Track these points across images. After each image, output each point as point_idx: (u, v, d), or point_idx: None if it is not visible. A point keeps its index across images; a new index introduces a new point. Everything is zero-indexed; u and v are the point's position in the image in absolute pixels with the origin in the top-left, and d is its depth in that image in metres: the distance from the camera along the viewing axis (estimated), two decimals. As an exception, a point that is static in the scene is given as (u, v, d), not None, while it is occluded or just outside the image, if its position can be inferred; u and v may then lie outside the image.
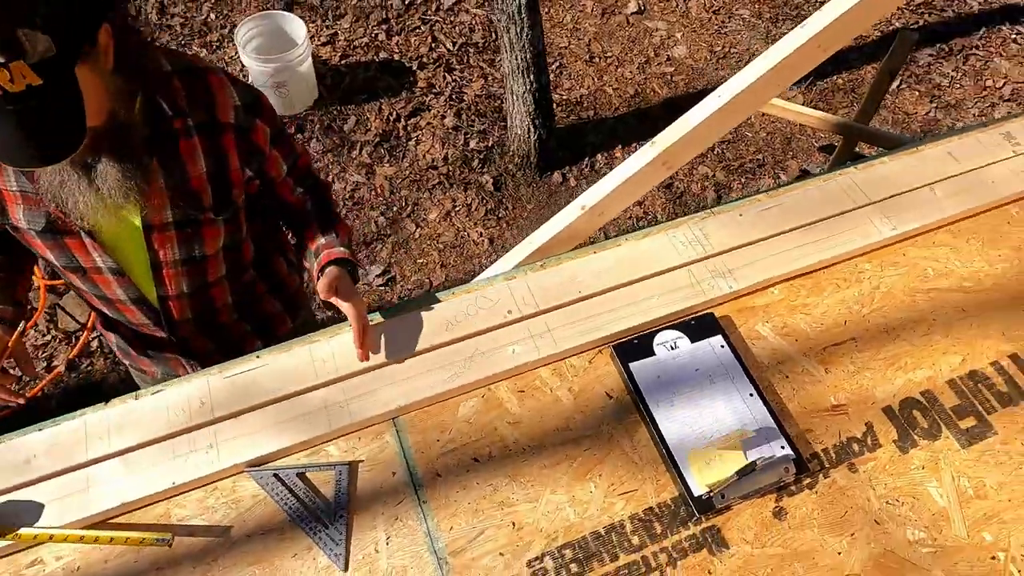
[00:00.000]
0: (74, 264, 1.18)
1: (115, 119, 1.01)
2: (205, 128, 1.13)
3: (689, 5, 3.68)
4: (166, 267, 1.21)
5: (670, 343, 1.24)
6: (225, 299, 1.36)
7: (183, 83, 1.10)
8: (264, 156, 1.22)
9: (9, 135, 0.88)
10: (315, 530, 1.08)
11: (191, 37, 3.25)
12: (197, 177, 1.15)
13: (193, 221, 1.18)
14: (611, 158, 3.08)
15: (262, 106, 1.19)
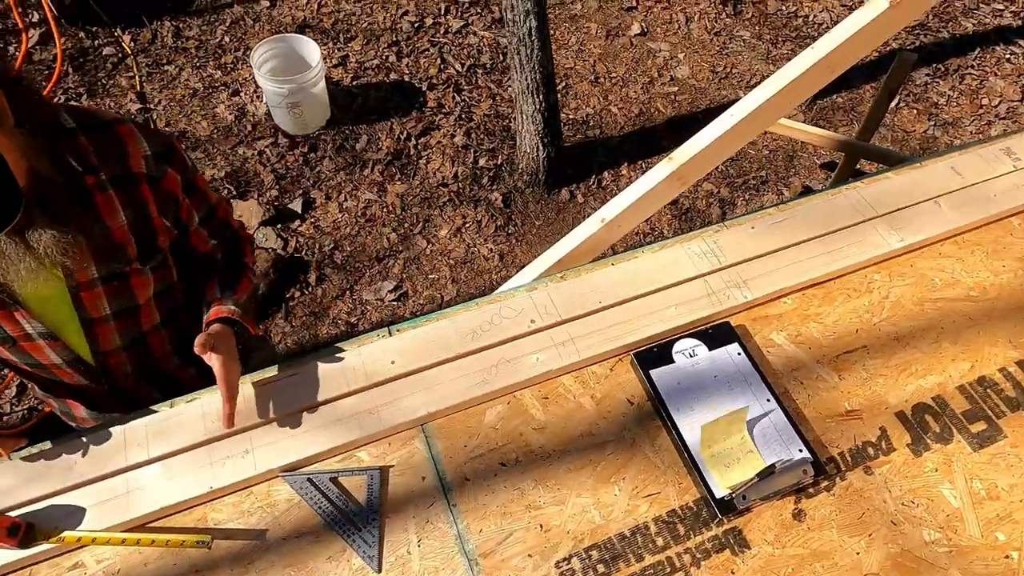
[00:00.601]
0: (2, 335, 1.16)
1: (36, 176, 1.00)
2: (119, 181, 1.11)
3: (691, 27, 3.77)
4: (98, 323, 1.20)
5: (688, 351, 1.28)
6: (164, 347, 1.34)
7: (90, 139, 1.09)
8: (178, 204, 1.21)
9: None
10: (348, 533, 1.12)
11: (206, 60, 3.32)
12: (119, 229, 1.13)
13: (120, 274, 1.17)
14: (617, 175, 3.15)
15: (174, 154, 1.18)
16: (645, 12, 3.82)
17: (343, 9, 3.61)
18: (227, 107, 3.16)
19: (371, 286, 2.74)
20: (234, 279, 1.32)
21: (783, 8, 3.89)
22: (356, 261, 2.80)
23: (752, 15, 3.85)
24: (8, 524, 1.05)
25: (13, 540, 1.05)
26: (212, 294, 1.28)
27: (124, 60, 3.27)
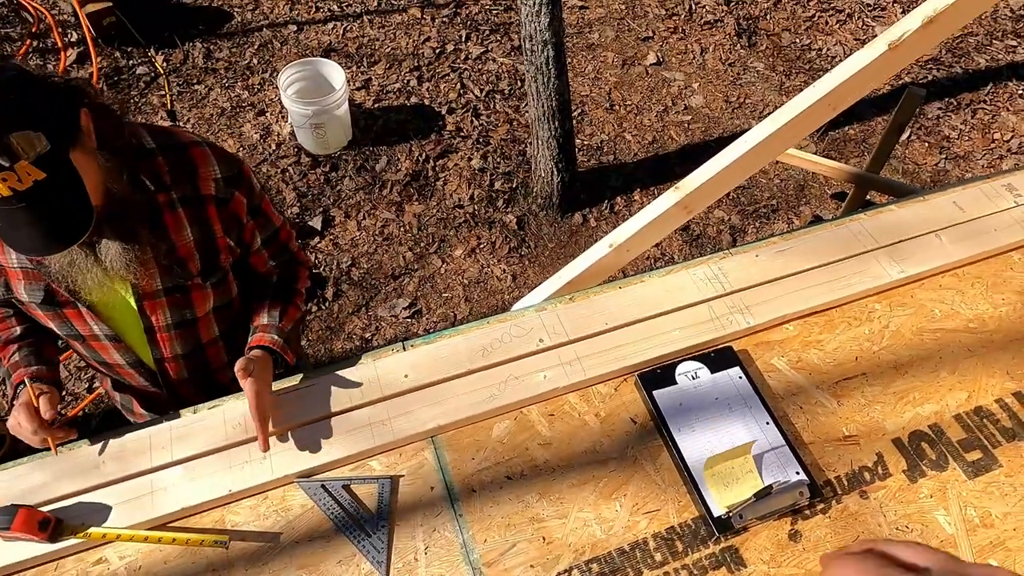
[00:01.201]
0: (74, 332, 1.25)
1: (111, 196, 1.08)
2: (189, 200, 1.20)
3: (706, 58, 3.85)
4: (159, 331, 1.28)
5: (691, 373, 1.33)
6: (221, 359, 1.41)
7: (166, 159, 1.17)
8: (242, 225, 1.28)
9: (27, 230, 0.97)
10: (359, 538, 1.16)
11: (234, 80, 3.44)
12: (184, 246, 1.21)
13: (182, 287, 1.24)
14: (630, 201, 3.21)
15: (242, 178, 1.25)
16: (661, 42, 3.91)
17: (367, 34, 3.73)
18: (253, 126, 3.26)
19: (386, 303, 2.81)
20: (282, 305, 1.38)
21: (797, 41, 3.96)
22: (372, 278, 2.87)
23: (766, 47, 3.92)
24: (39, 518, 1.11)
25: (43, 534, 1.11)
26: (259, 319, 1.35)
27: (156, 79, 3.39)
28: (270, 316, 1.36)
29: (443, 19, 3.84)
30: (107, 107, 1.10)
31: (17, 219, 0.95)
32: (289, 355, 1.34)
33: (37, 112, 0.95)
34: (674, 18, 4.04)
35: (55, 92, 1.00)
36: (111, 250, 1.09)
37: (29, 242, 0.98)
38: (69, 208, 0.99)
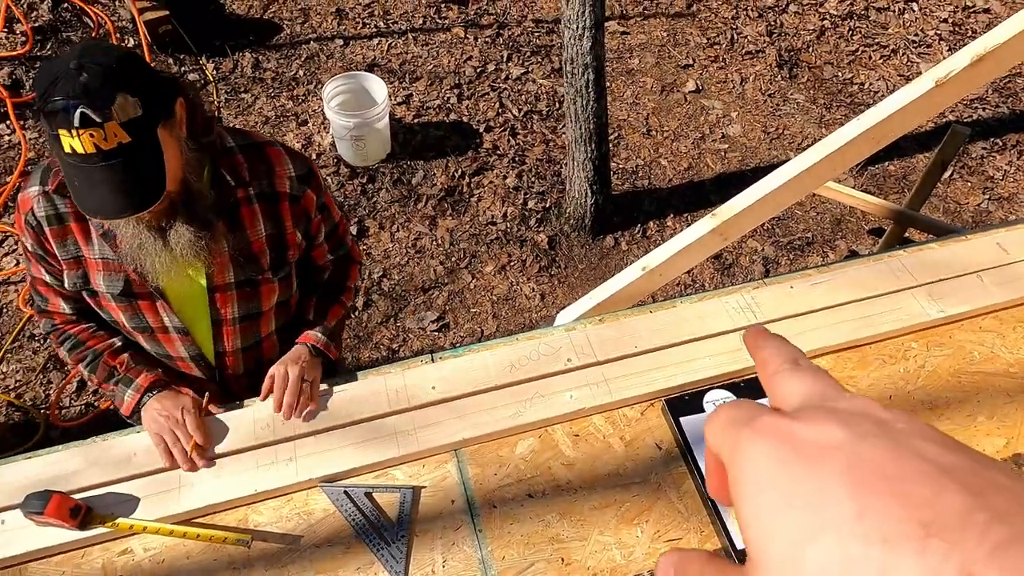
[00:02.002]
0: (143, 325, 1.29)
1: (187, 187, 1.14)
2: (265, 197, 1.26)
3: (745, 87, 3.84)
4: (226, 324, 1.33)
5: (719, 401, 1.31)
6: (273, 352, 1.45)
7: (245, 157, 1.25)
8: (310, 220, 1.34)
9: (102, 191, 1.02)
10: (378, 547, 1.17)
11: (280, 90, 3.53)
12: (257, 241, 1.27)
13: (252, 281, 1.30)
14: (662, 226, 3.20)
15: (313, 177, 1.32)
16: (701, 70, 3.91)
17: (411, 51, 3.80)
18: (295, 136, 3.34)
19: (415, 315, 2.83)
20: (330, 303, 1.46)
21: (839, 74, 3.94)
22: (402, 290, 2.89)
23: (807, 79, 3.91)
24: (71, 505, 1.13)
25: (74, 521, 1.13)
26: (308, 315, 1.43)
27: (206, 86, 3.50)
28: (317, 313, 1.43)
29: (486, 39, 3.90)
30: (201, 105, 1.17)
31: (93, 178, 1.00)
32: (333, 351, 1.40)
33: (138, 83, 1.01)
34: (715, 47, 4.05)
35: (159, 76, 1.08)
36: (182, 237, 1.14)
37: (99, 202, 1.02)
38: (144, 177, 1.04)
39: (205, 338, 1.34)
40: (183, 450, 1.22)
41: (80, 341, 1.33)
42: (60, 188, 1.19)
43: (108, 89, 0.97)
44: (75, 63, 0.97)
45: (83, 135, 0.96)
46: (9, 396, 2.47)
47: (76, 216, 1.20)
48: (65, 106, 0.95)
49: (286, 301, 1.40)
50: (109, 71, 0.98)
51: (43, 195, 1.19)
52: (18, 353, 2.61)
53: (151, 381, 1.29)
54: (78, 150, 0.97)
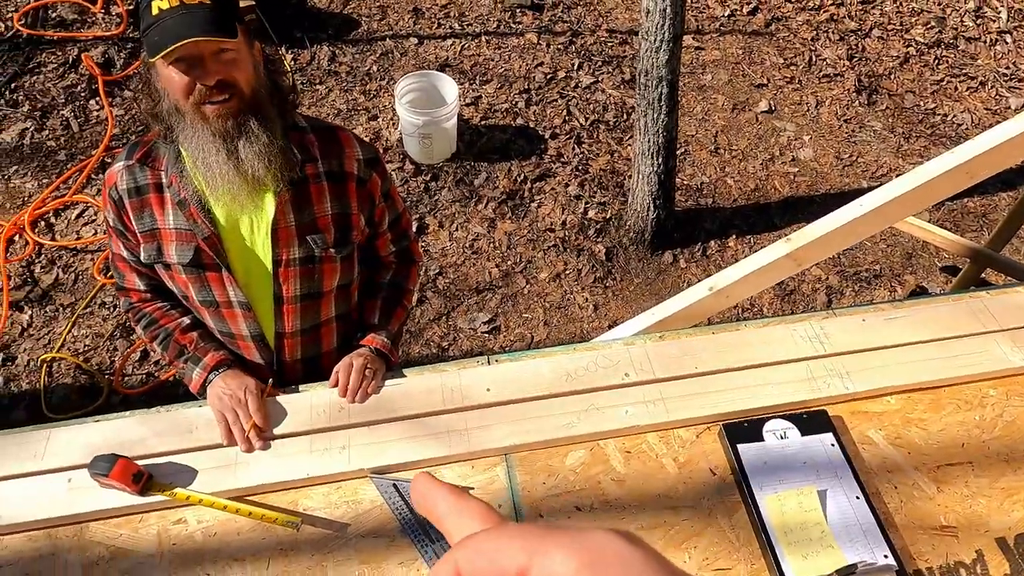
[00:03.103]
0: (210, 298, 1.33)
1: (258, 100, 1.18)
2: (333, 175, 1.30)
3: (820, 111, 3.74)
4: (287, 302, 1.35)
5: (780, 432, 1.27)
6: (331, 342, 1.47)
7: (317, 137, 1.30)
8: (374, 206, 1.38)
9: (177, 27, 1.07)
10: (423, 544, 1.17)
11: (353, 84, 3.61)
12: (323, 217, 1.31)
13: (315, 258, 1.32)
14: (724, 246, 3.13)
15: (379, 162, 1.36)
16: (775, 91, 3.83)
17: (483, 54, 3.83)
18: (364, 130, 3.40)
19: (467, 315, 2.84)
20: (392, 306, 1.48)
21: (921, 104, 3.79)
22: (457, 289, 2.91)
23: (887, 106, 3.78)
24: (134, 471, 1.17)
25: (135, 486, 1.17)
26: (371, 318, 1.46)
27: (283, 76, 3.60)
28: (380, 317, 1.45)
29: (558, 46, 3.90)
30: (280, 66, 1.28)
31: (170, 22, 1.07)
32: (394, 356, 1.42)
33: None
34: (792, 68, 3.95)
35: None
36: (251, 147, 1.18)
37: (175, 30, 1.07)
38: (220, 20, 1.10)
39: (267, 316, 1.37)
40: (242, 430, 1.25)
41: (154, 319, 1.38)
42: (144, 159, 1.24)
43: None
44: None
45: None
46: (78, 359, 2.58)
47: (155, 187, 1.25)
48: None
49: (347, 285, 1.42)
50: None
51: (126, 168, 1.25)
52: (89, 319, 2.73)
53: (217, 360, 1.33)
54: (163, 7, 1.05)
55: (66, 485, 1.21)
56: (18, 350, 2.64)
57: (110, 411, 1.32)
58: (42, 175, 3.16)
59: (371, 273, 1.49)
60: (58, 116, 3.37)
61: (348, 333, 1.47)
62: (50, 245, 2.90)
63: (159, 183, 1.24)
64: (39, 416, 2.46)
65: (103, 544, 1.17)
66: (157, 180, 1.24)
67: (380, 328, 1.44)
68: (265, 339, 1.39)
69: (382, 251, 1.47)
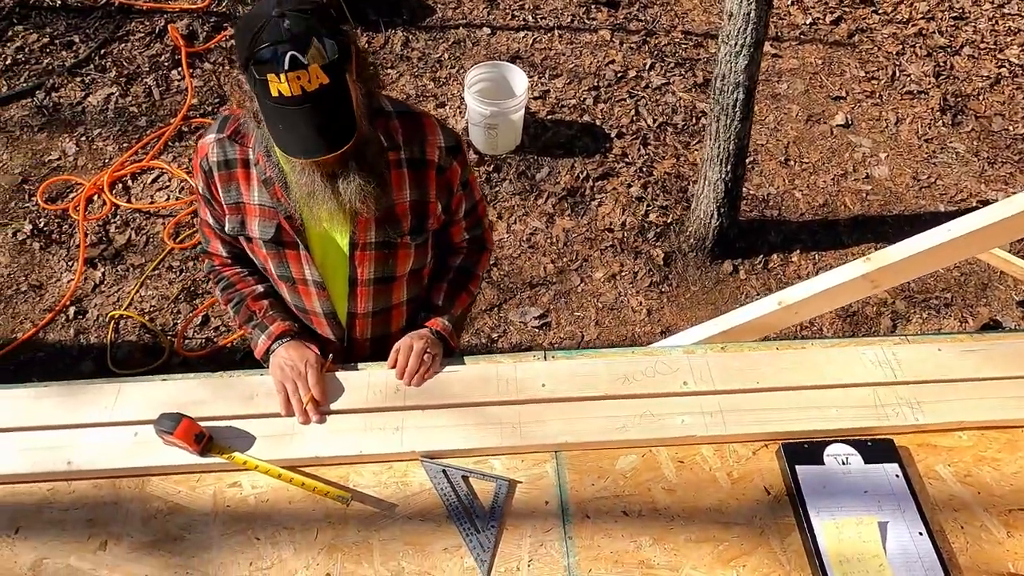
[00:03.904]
0: (287, 274, 1.36)
1: (361, 132, 1.17)
2: (414, 163, 1.30)
3: (900, 128, 3.59)
4: (361, 285, 1.37)
5: (842, 457, 1.23)
6: (400, 323, 1.48)
7: (401, 123, 1.29)
8: (452, 194, 1.37)
9: (303, 132, 1.08)
10: (467, 532, 1.17)
11: (424, 71, 3.64)
12: (401, 204, 1.31)
13: (391, 244, 1.33)
14: (787, 260, 3.05)
15: (460, 150, 1.35)
16: (854, 104, 3.70)
17: (555, 48, 3.81)
18: (431, 116, 3.43)
19: (518, 308, 2.84)
20: (459, 291, 1.47)
21: (1010, 128, 3.61)
22: (510, 282, 2.91)
23: (972, 128, 3.60)
24: (197, 431, 1.21)
25: (197, 446, 1.21)
26: (436, 299, 1.45)
27: (356, 58, 3.66)
28: (445, 299, 1.45)
29: (631, 45, 3.85)
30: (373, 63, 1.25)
31: (295, 120, 1.07)
32: (454, 341, 1.42)
33: (332, 26, 1.08)
34: (873, 82, 3.81)
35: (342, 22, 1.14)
36: (352, 184, 1.18)
37: (302, 144, 1.09)
38: (339, 118, 1.10)
39: (340, 296, 1.38)
40: (300, 401, 1.28)
41: (231, 283, 1.42)
42: (234, 135, 1.27)
43: (310, 34, 1.04)
44: (276, 11, 1.04)
45: (290, 77, 1.03)
46: (144, 319, 2.68)
47: (242, 163, 1.28)
48: (273, 52, 1.02)
49: (419, 270, 1.43)
50: (308, 16, 1.05)
51: (217, 142, 1.28)
52: (156, 281, 2.83)
53: (282, 330, 1.36)
54: (284, 93, 1.04)
55: (132, 439, 1.26)
56: (89, 305, 2.76)
57: (169, 371, 1.37)
58: (123, 139, 3.29)
59: (442, 256, 1.50)
60: (142, 83, 3.50)
61: (417, 314, 1.49)
62: (125, 207, 3.01)
63: (247, 159, 1.27)
64: (104, 370, 2.57)
65: (162, 499, 1.21)
66: (245, 156, 1.27)
67: (443, 311, 1.43)
68: (337, 317, 1.41)
69: (455, 238, 1.48)
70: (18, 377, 2.55)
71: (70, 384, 1.35)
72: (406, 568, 1.13)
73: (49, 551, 1.15)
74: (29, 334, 2.66)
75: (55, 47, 3.63)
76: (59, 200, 3.06)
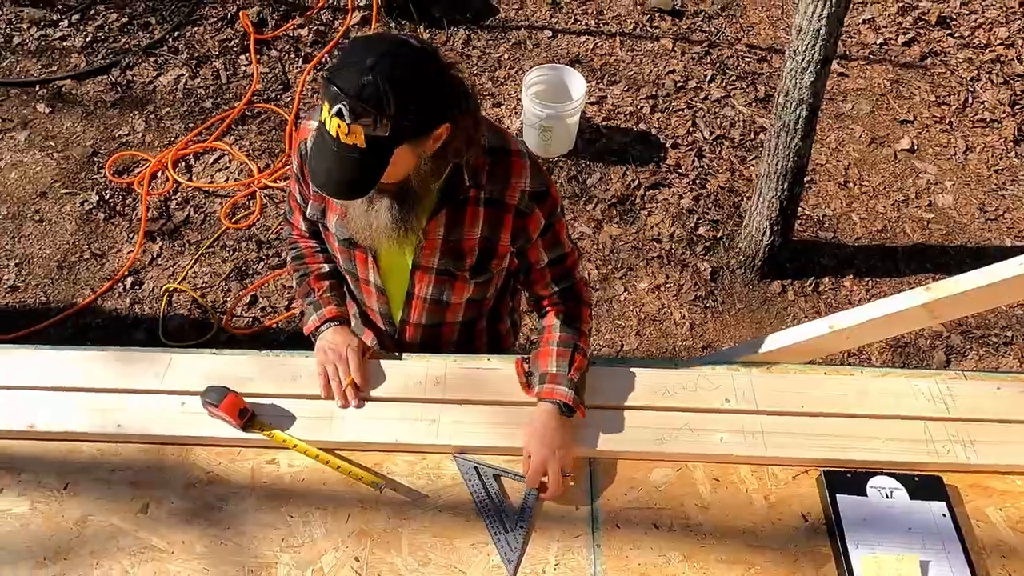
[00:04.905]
0: (353, 271, 1.38)
1: (406, 185, 1.16)
2: (493, 203, 1.25)
3: (969, 157, 3.46)
4: (416, 299, 1.37)
5: (886, 491, 1.19)
6: (452, 337, 1.47)
7: (490, 159, 1.22)
8: (529, 241, 1.29)
9: (324, 167, 1.08)
10: (496, 530, 1.18)
11: (483, 70, 3.66)
12: (470, 240, 1.27)
13: (451, 273, 1.31)
14: (839, 285, 2.97)
15: (547, 197, 1.26)
16: (921, 129, 3.58)
17: (615, 54, 3.79)
18: (487, 115, 3.45)
19: (560, 315, 2.83)
20: (572, 352, 1.31)
21: (1089, 164, 3.44)
22: (553, 285, 2.91)
23: (1047, 162, 3.45)
24: (241, 407, 1.24)
25: (240, 421, 1.24)
26: (547, 366, 1.29)
27: (417, 53, 3.70)
28: (559, 364, 1.29)
29: (692, 55, 3.80)
30: (475, 117, 1.16)
31: (325, 153, 1.08)
32: (582, 409, 1.26)
33: (409, 105, 1.03)
34: (943, 107, 3.68)
35: (439, 90, 1.07)
36: (381, 218, 1.18)
37: (319, 176, 1.10)
38: (359, 178, 1.08)
39: (397, 303, 1.40)
40: (340, 385, 1.30)
41: (302, 254, 1.45)
42: None
43: (375, 103, 1.00)
44: (372, 61, 1.01)
45: (334, 119, 1.03)
46: (196, 294, 2.77)
47: None
48: (336, 93, 1.01)
49: (478, 300, 1.40)
50: (391, 85, 1.00)
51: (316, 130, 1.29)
52: (211, 259, 2.92)
53: (333, 315, 1.38)
54: (326, 125, 1.05)
55: (179, 408, 1.30)
56: (146, 277, 2.86)
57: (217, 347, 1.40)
58: (188, 119, 3.40)
59: (540, 318, 1.42)
60: (210, 67, 3.61)
61: (470, 333, 1.48)
62: (187, 185, 3.11)
63: None
64: (155, 340, 2.66)
65: (203, 468, 1.25)
66: None
67: (560, 377, 1.27)
68: (392, 319, 1.43)
69: (541, 290, 1.38)
70: (75, 340, 2.65)
71: (125, 350, 1.40)
72: (433, 560, 1.14)
73: (94, 509, 1.20)
74: (88, 300, 2.77)
75: (132, 27, 3.77)
76: (125, 174, 3.17)
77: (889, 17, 4.10)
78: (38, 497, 1.21)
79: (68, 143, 3.29)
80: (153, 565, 1.14)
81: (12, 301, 2.79)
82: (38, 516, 1.19)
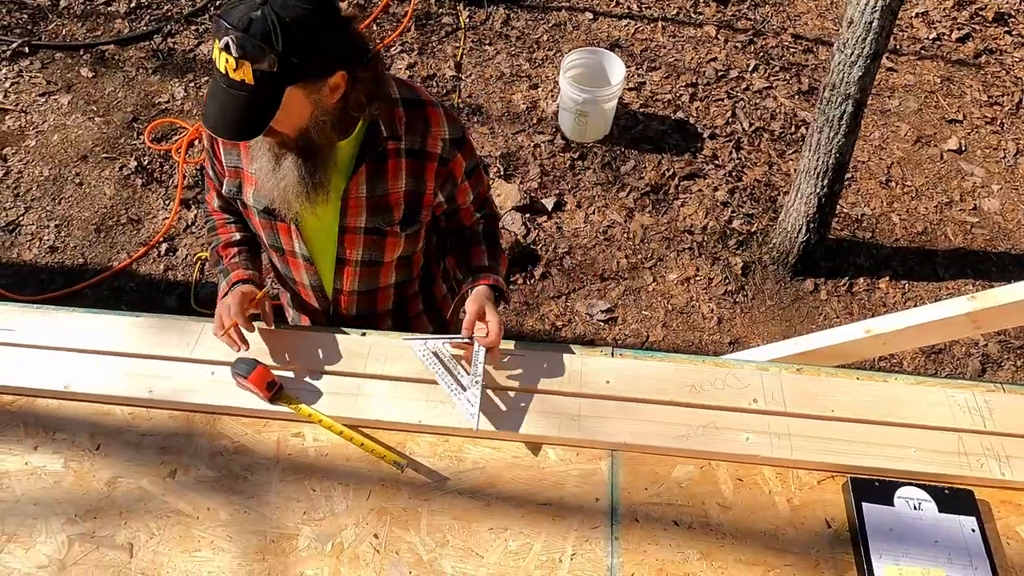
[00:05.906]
0: (277, 244, 1.39)
1: (306, 137, 1.16)
2: (414, 153, 1.27)
3: (1019, 160, 3.35)
4: (348, 264, 1.37)
5: (915, 502, 1.16)
6: (387, 304, 1.48)
7: (406, 112, 1.25)
8: (456, 185, 1.35)
9: (215, 107, 1.09)
10: (455, 392, 1.26)
11: (521, 50, 3.62)
12: (395, 193, 1.29)
13: (380, 231, 1.32)
14: (873, 287, 2.90)
15: (464, 142, 1.32)
16: (970, 129, 3.46)
17: (656, 40, 3.72)
18: (523, 97, 3.42)
19: (586, 300, 2.82)
20: (496, 251, 1.46)
21: None
22: (581, 272, 2.89)
23: (1102, 170, 3.32)
24: (269, 379, 1.26)
25: (268, 393, 1.26)
26: (479, 260, 1.41)
27: (456, 31, 3.67)
28: (490, 259, 1.42)
29: (736, 43, 3.72)
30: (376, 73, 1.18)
31: (215, 91, 1.09)
32: (508, 295, 1.40)
33: (298, 45, 1.04)
34: (995, 107, 3.56)
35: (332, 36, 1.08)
36: (288, 176, 1.19)
37: (210, 115, 1.11)
38: (249, 117, 1.09)
39: (327, 272, 1.41)
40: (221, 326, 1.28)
41: (215, 226, 1.47)
42: None
43: (263, 39, 1.01)
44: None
45: (222, 54, 1.04)
46: (227, 263, 2.80)
47: None
48: (225, 27, 1.02)
49: (409, 257, 1.42)
50: (280, 24, 1.02)
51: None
52: (243, 228, 2.95)
53: (241, 277, 1.37)
54: (216, 63, 1.06)
55: (209, 377, 1.32)
56: (180, 244, 2.91)
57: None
58: (227, 89, 3.42)
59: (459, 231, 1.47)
60: (250, 37, 3.63)
61: (404, 297, 1.50)
62: (223, 154, 3.14)
63: None
64: (186, 307, 2.70)
65: (229, 438, 1.27)
66: None
67: (492, 269, 1.39)
68: (324, 291, 1.44)
69: (466, 221, 1.45)
70: (110, 303, 2.71)
71: (160, 317, 1.43)
72: (451, 541, 1.15)
73: (124, 471, 1.23)
74: (123, 264, 2.82)
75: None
76: (164, 141, 3.21)
77: (944, 11, 3.96)
78: (71, 456, 1.24)
79: (109, 108, 3.34)
80: (179, 529, 1.16)
81: (51, 261, 2.86)
82: (70, 475, 1.22)
